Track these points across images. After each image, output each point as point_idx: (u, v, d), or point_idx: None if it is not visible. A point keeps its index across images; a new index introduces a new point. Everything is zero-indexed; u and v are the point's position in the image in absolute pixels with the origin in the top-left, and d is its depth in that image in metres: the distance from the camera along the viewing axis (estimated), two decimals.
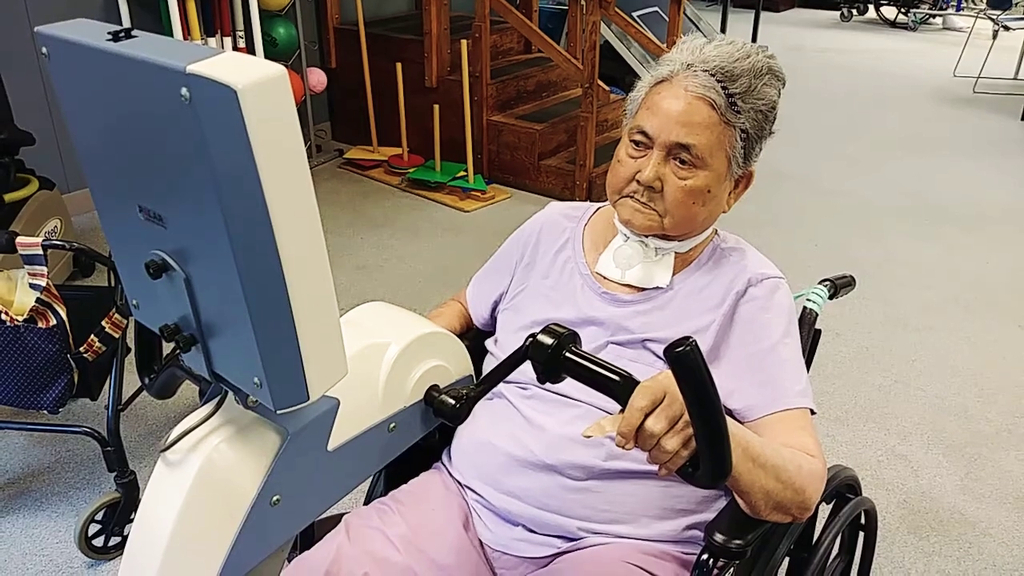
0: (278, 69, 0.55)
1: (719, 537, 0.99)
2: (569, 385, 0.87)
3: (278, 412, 0.68)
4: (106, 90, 0.64)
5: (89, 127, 0.68)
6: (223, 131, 0.55)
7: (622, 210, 1.17)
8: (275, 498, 0.76)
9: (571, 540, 1.11)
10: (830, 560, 1.35)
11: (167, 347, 0.79)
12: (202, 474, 0.74)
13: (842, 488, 1.31)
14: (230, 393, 0.76)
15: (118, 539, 1.90)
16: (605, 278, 1.21)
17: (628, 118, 1.18)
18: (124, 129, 0.64)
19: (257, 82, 0.54)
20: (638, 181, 1.12)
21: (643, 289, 1.18)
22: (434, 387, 0.88)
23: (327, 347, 0.67)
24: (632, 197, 1.14)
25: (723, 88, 1.09)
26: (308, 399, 0.68)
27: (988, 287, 3.28)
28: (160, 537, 0.75)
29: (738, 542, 0.99)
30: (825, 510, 1.31)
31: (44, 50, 0.68)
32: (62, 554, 1.89)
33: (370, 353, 0.84)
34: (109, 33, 0.62)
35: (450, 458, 1.25)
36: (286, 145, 0.57)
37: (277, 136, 0.56)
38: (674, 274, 1.18)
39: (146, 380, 0.95)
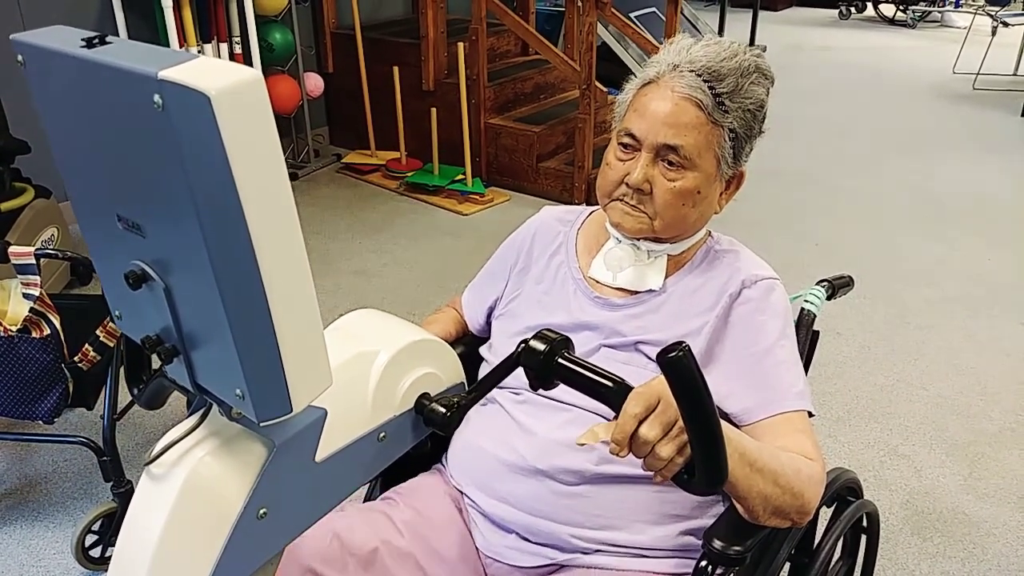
0: (253, 74, 0.54)
1: (718, 543, 0.98)
2: (561, 390, 0.85)
3: (261, 424, 0.67)
4: (81, 97, 0.62)
5: (66, 135, 0.67)
6: (197, 138, 0.54)
7: (612, 213, 1.16)
8: (262, 511, 0.74)
9: (563, 551, 1.10)
10: (832, 564, 1.33)
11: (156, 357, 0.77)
12: (187, 488, 0.73)
13: (843, 491, 1.29)
14: (215, 405, 0.75)
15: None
16: (598, 282, 1.20)
17: (617, 121, 1.17)
18: (100, 137, 0.63)
19: (231, 87, 0.52)
20: (627, 184, 1.11)
21: (636, 292, 1.17)
22: (425, 395, 0.86)
23: (310, 357, 0.66)
24: (622, 200, 1.13)
25: (710, 88, 1.08)
26: (292, 411, 0.66)
27: (990, 284, 3.26)
28: (145, 552, 0.73)
29: (737, 548, 0.98)
30: (826, 514, 1.29)
31: (20, 58, 0.67)
32: (59, 565, 1.88)
33: (358, 361, 0.82)
34: (83, 40, 0.60)
35: (447, 463, 1.24)
36: (263, 152, 0.56)
37: (253, 143, 0.55)
38: (667, 277, 1.17)
39: (134, 391, 0.94)
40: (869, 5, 9.78)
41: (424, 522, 1.15)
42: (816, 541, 1.26)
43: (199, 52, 3.56)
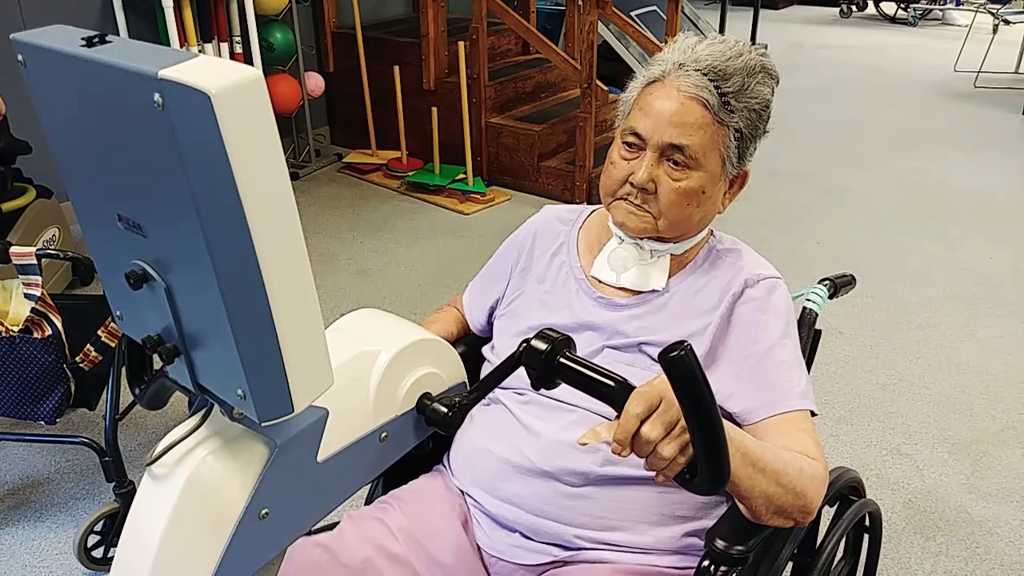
0: (253, 72, 0.54)
1: (720, 543, 0.98)
2: (565, 391, 0.85)
3: (263, 424, 0.67)
4: (81, 97, 0.62)
5: (66, 135, 0.67)
6: (197, 137, 0.54)
7: (616, 212, 1.15)
8: (263, 511, 0.74)
9: (568, 549, 1.10)
10: (834, 564, 1.33)
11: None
12: (189, 488, 0.73)
13: (845, 490, 1.29)
14: (216, 405, 0.75)
15: None
16: (600, 282, 1.20)
17: (621, 119, 1.17)
18: (100, 136, 0.63)
19: (231, 86, 0.52)
20: (631, 183, 1.11)
21: (639, 292, 1.17)
22: (426, 395, 0.86)
23: (312, 357, 0.66)
24: (626, 199, 1.13)
25: (716, 87, 1.07)
26: (293, 411, 0.66)
27: (991, 283, 3.26)
28: (147, 553, 0.73)
29: (739, 548, 0.97)
30: (829, 513, 1.29)
31: (20, 57, 0.66)
32: (62, 565, 1.88)
33: (360, 361, 0.82)
34: (83, 39, 0.60)
35: (450, 463, 1.24)
36: (263, 151, 0.56)
37: (254, 141, 0.55)
38: (670, 276, 1.17)
39: (136, 391, 0.93)
40: (870, 3, 9.77)
41: (421, 528, 1.13)
42: (819, 541, 1.26)
43: (199, 52, 3.55)
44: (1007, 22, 6.72)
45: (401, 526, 1.13)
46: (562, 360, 0.82)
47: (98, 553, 1.87)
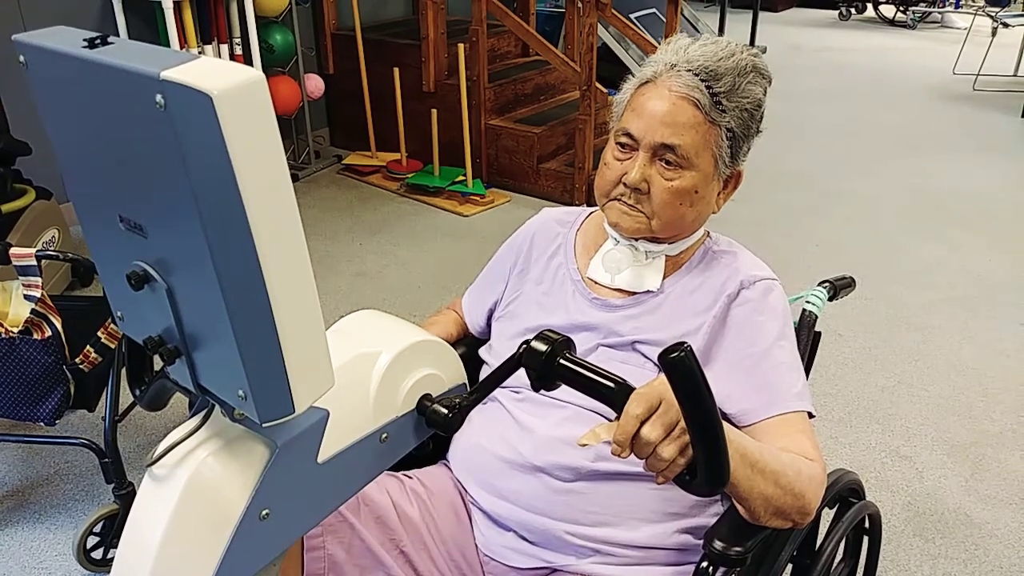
0: (255, 74, 0.54)
1: (718, 544, 0.98)
2: (562, 388, 0.85)
3: (264, 425, 0.67)
4: (83, 98, 0.62)
5: (68, 136, 0.67)
6: (199, 138, 0.54)
7: (610, 213, 1.16)
8: (264, 512, 0.74)
9: (559, 553, 1.11)
10: (834, 566, 1.33)
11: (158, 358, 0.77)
12: (189, 489, 0.73)
13: (845, 492, 1.29)
14: (217, 406, 0.75)
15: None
16: (596, 283, 1.20)
17: (614, 120, 1.17)
18: (102, 137, 0.63)
19: (233, 87, 0.52)
20: (624, 183, 1.12)
21: (634, 293, 1.17)
22: (426, 396, 0.86)
23: (312, 358, 0.66)
24: (619, 200, 1.14)
25: (707, 87, 1.08)
26: (293, 412, 0.66)
27: (990, 285, 3.26)
28: (147, 554, 0.73)
29: (738, 549, 0.98)
30: (828, 515, 1.29)
31: (22, 58, 0.67)
32: (61, 567, 1.88)
33: (360, 362, 0.82)
34: (85, 40, 0.60)
35: (449, 461, 1.25)
36: (265, 152, 0.56)
37: (255, 143, 0.55)
38: (665, 277, 1.17)
39: (136, 392, 0.94)
40: (869, 6, 9.78)
41: (432, 498, 1.18)
42: (818, 542, 1.26)
43: (200, 53, 3.56)
44: (1006, 25, 6.74)
45: (416, 490, 1.17)
46: (562, 361, 0.83)
47: (97, 554, 1.87)
